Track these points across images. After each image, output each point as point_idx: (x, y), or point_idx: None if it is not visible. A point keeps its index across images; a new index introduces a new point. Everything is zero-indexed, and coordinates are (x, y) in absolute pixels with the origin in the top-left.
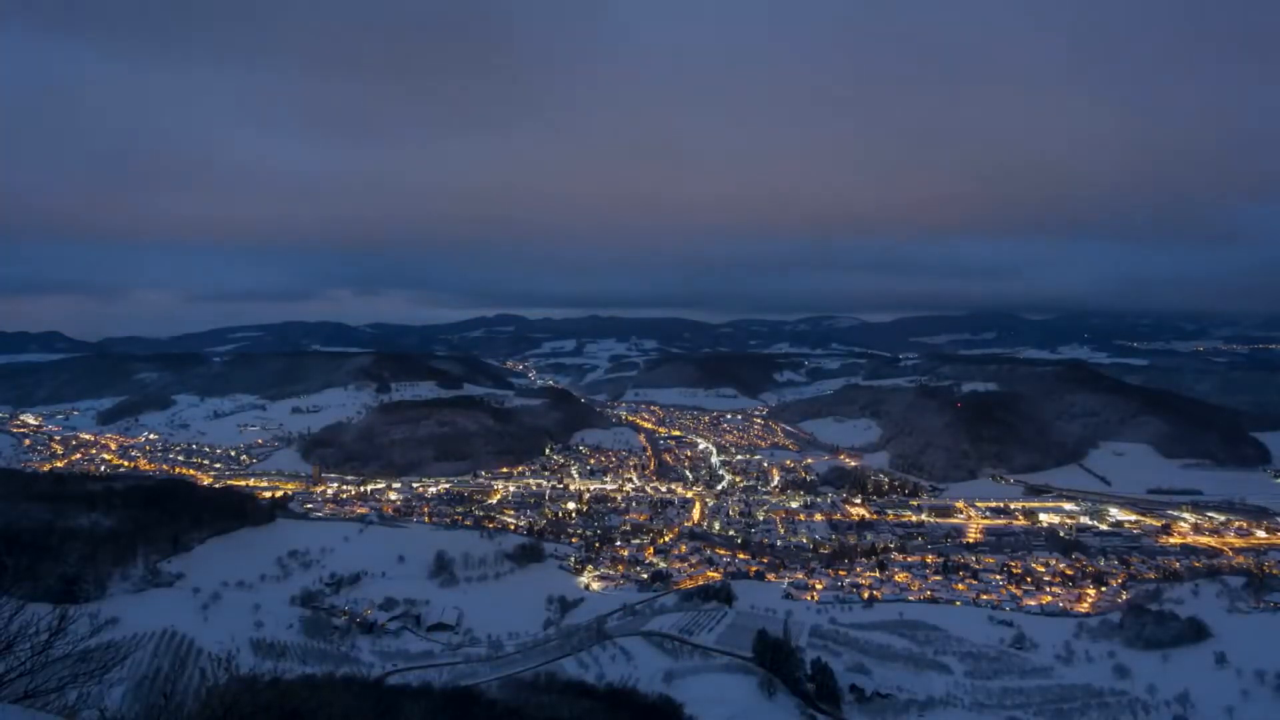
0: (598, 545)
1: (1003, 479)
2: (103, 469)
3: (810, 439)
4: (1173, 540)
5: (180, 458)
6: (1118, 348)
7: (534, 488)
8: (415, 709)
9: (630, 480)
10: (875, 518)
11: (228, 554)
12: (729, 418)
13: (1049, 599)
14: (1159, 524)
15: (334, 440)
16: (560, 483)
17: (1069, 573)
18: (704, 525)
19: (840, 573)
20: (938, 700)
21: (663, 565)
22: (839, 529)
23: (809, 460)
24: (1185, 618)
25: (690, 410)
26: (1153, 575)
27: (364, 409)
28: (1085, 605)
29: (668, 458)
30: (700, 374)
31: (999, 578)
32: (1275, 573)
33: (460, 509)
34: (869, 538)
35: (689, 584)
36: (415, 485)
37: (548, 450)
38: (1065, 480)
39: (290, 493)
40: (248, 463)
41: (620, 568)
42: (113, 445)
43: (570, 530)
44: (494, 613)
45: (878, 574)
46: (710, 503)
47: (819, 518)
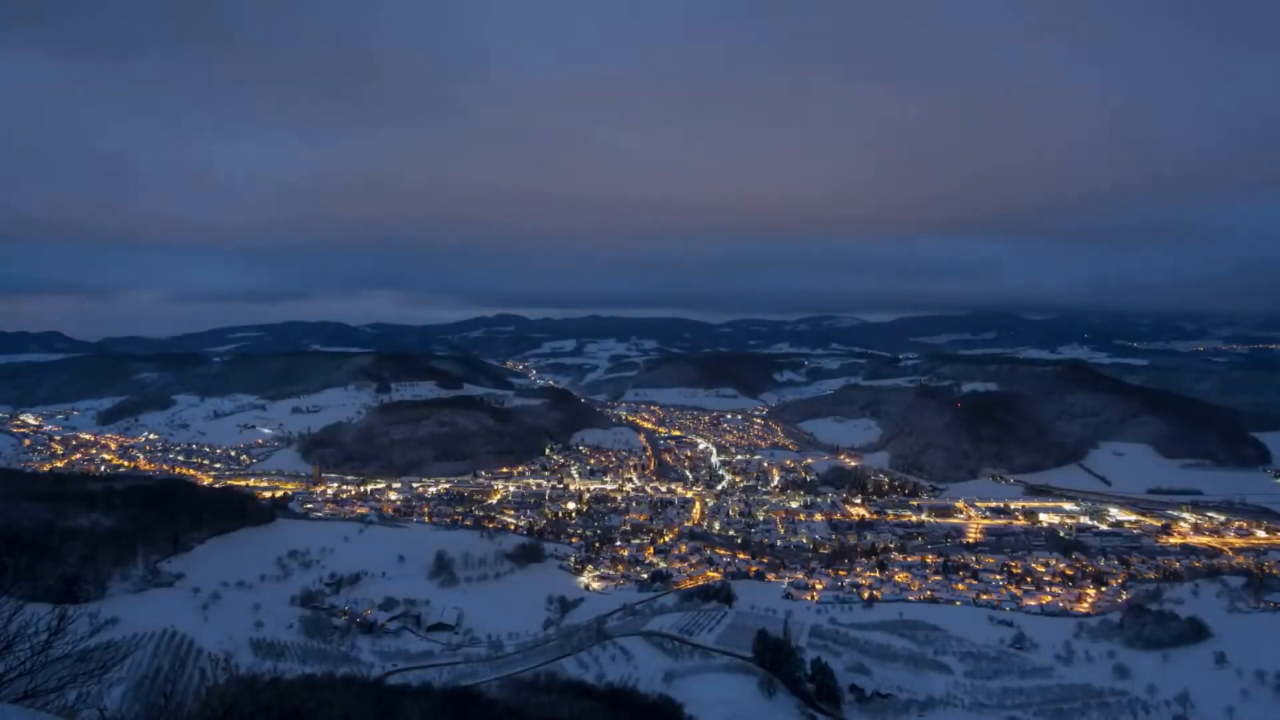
0: (598, 545)
1: (1003, 479)
2: (103, 469)
3: (810, 439)
4: (1173, 540)
5: (180, 458)
6: (1118, 348)
7: (534, 488)
8: (415, 709)
9: (630, 480)
10: (875, 518)
11: (228, 554)
12: (729, 418)
13: (1049, 599)
14: (1159, 524)
15: (334, 440)
16: (560, 483)
17: (1069, 573)
18: (704, 525)
19: (840, 573)
20: (938, 700)
21: (663, 565)
22: (839, 529)
23: (809, 460)
24: (1185, 618)
25: (690, 410)
26: (1153, 575)
27: (364, 409)
28: (1085, 605)
29: (668, 458)
30: (700, 374)
31: (999, 578)
32: (1275, 573)
33: (460, 509)
34: (869, 538)
35: (689, 584)
36: (415, 485)
37: (548, 450)
38: (1065, 480)
39: (290, 493)
40: (248, 463)
41: (620, 568)
42: (113, 445)
43: (570, 530)
44: (494, 613)
45: (878, 574)
46: (710, 503)
47: (819, 518)
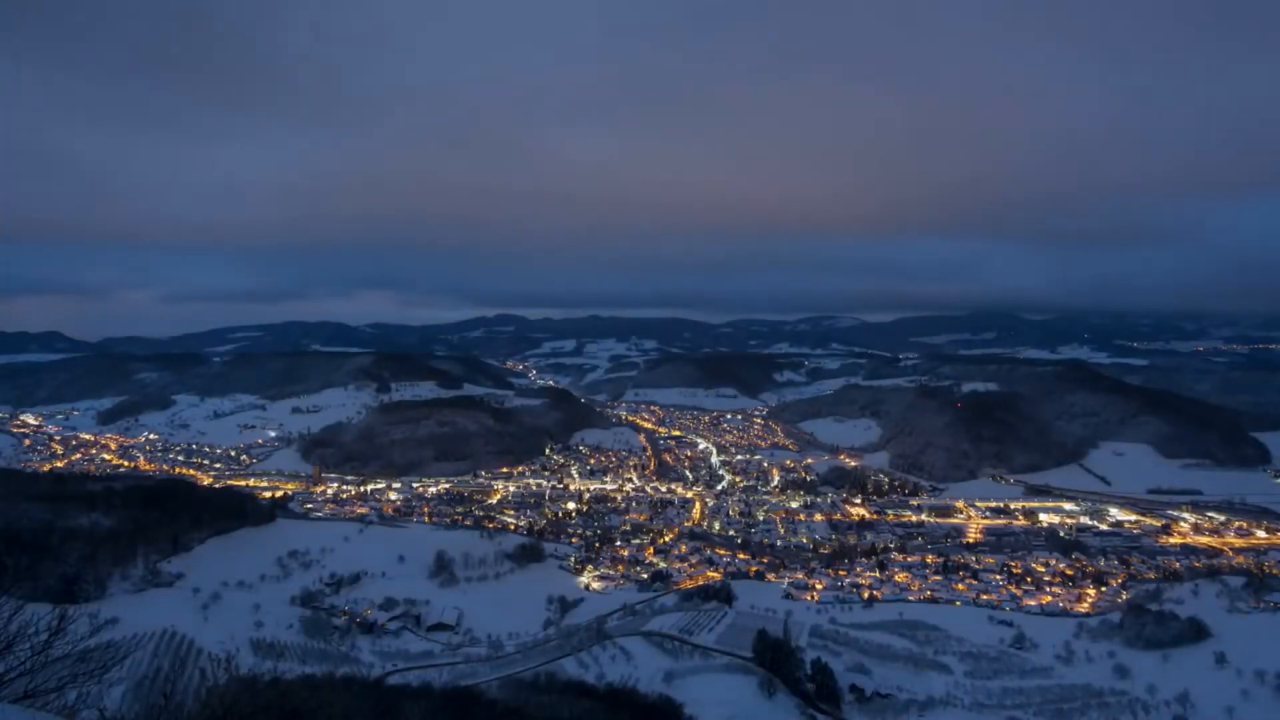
0: (598, 545)
1: (1003, 479)
2: (103, 469)
3: (810, 439)
4: (1173, 540)
5: (180, 458)
6: (1118, 348)
7: (534, 488)
8: (415, 709)
9: (630, 480)
10: (875, 518)
11: (228, 554)
12: (729, 418)
13: (1049, 599)
14: (1159, 524)
15: (334, 440)
16: (560, 483)
17: (1069, 573)
18: (704, 525)
19: (840, 573)
20: (938, 700)
21: (663, 565)
22: (839, 529)
23: (809, 460)
24: (1185, 618)
25: (690, 410)
26: (1153, 575)
27: (364, 409)
28: (1085, 605)
29: (668, 458)
30: (700, 374)
31: (999, 578)
32: (1275, 573)
33: (460, 509)
34: (869, 538)
35: (689, 584)
36: (415, 485)
37: (548, 450)
38: (1065, 480)
39: (290, 493)
40: (248, 463)
41: (620, 568)
42: (113, 445)
43: (570, 530)
44: (494, 613)
45: (878, 574)
46: (710, 503)
47: (819, 518)
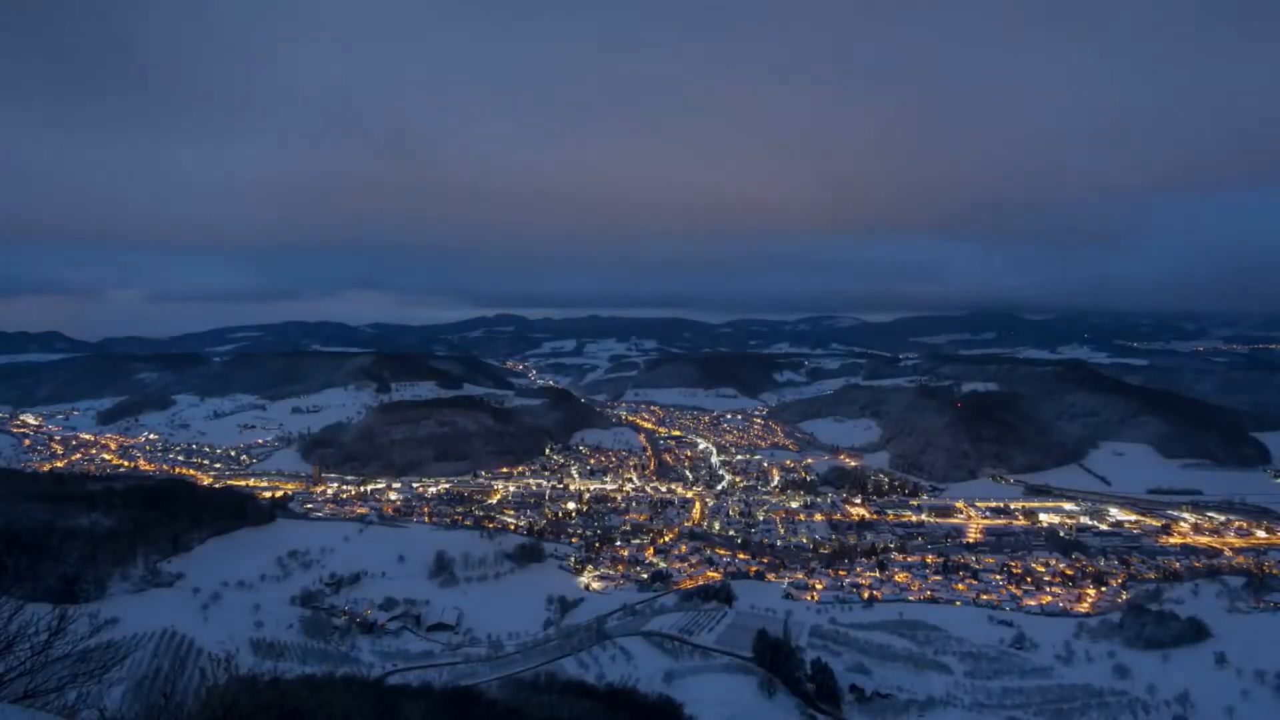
0: (598, 545)
1: (1003, 479)
2: (103, 469)
3: (810, 439)
4: (1173, 540)
5: (180, 458)
6: (1118, 348)
7: (534, 488)
8: (415, 709)
9: (630, 480)
10: (875, 518)
11: (228, 554)
12: (729, 418)
13: (1049, 599)
14: (1159, 524)
15: (334, 440)
16: (560, 483)
17: (1069, 573)
18: (704, 525)
19: (840, 573)
20: (938, 700)
21: (663, 565)
22: (839, 529)
23: (809, 460)
24: (1185, 618)
25: (690, 410)
26: (1153, 575)
27: (364, 409)
28: (1085, 605)
29: (668, 458)
30: (700, 374)
31: (999, 578)
32: (1275, 573)
33: (460, 509)
34: (869, 538)
35: (689, 584)
36: (415, 485)
37: (548, 450)
38: (1065, 480)
39: (290, 493)
40: (248, 463)
41: (620, 568)
42: (113, 445)
43: (570, 530)
44: (494, 613)
45: (878, 574)
46: (710, 503)
47: (819, 518)
